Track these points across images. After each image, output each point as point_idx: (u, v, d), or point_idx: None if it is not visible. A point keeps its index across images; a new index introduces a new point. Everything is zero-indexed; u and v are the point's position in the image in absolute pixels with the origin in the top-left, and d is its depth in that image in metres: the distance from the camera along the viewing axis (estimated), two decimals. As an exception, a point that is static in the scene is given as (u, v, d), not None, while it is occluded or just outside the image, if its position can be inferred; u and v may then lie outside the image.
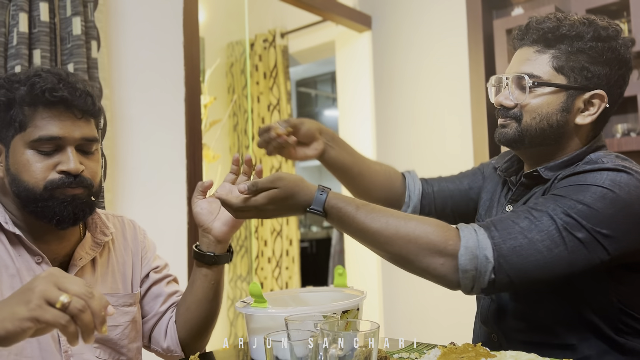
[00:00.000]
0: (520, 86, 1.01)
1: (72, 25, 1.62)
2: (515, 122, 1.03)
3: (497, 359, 0.79)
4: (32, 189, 0.96)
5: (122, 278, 1.14)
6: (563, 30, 0.99)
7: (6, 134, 0.97)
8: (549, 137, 1.02)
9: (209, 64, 3.48)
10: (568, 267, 0.87)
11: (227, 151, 3.75)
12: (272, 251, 3.51)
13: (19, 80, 0.97)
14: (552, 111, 1.00)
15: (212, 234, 1.11)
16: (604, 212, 0.87)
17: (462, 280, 0.88)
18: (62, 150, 0.97)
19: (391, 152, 2.96)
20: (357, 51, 3.15)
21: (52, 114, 0.96)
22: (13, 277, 0.98)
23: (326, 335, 0.73)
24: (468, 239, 0.88)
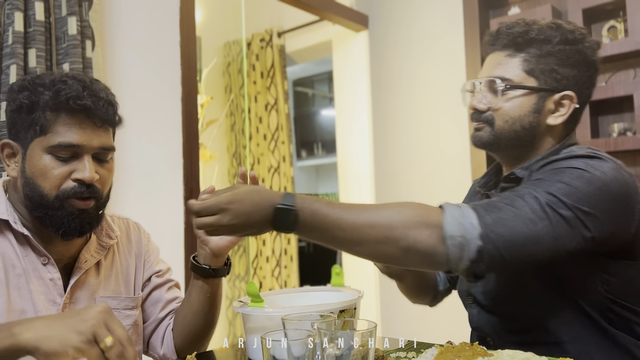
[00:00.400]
0: (492, 90, 1.04)
1: (68, 25, 1.61)
2: (488, 125, 1.05)
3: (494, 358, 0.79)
4: (46, 195, 0.97)
5: (125, 281, 1.14)
6: (532, 34, 1.02)
7: (25, 136, 0.98)
8: (522, 139, 1.04)
9: (206, 64, 3.48)
10: (554, 243, 0.86)
11: (224, 151, 3.74)
12: (271, 250, 3.51)
13: (44, 84, 0.97)
14: (524, 113, 1.03)
15: (209, 247, 1.08)
16: (583, 190, 0.88)
17: (450, 249, 0.83)
18: (79, 158, 0.98)
19: (388, 152, 2.97)
20: (354, 50, 3.15)
21: (74, 121, 0.96)
22: (19, 277, 0.98)
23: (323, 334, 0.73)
24: (452, 209, 0.87)
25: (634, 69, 2.28)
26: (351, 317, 1.00)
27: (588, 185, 0.88)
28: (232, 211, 0.85)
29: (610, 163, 0.92)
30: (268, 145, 3.56)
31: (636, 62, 2.27)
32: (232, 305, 1.06)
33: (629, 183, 0.92)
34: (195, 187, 2.05)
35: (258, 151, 3.59)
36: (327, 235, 0.86)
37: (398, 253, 0.85)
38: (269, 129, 3.56)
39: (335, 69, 3.31)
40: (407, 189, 2.85)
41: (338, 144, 3.30)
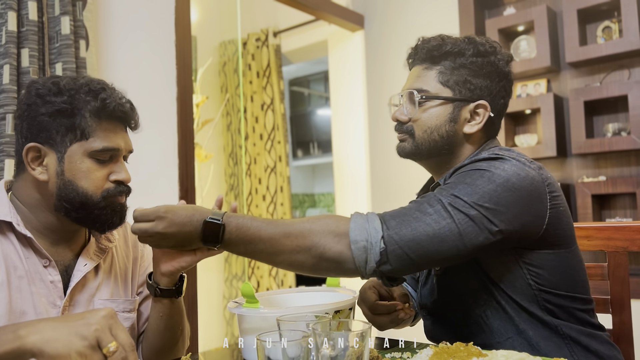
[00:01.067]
0: (412, 101, 1.10)
1: (61, 25, 1.60)
2: (409, 136, 1.11)
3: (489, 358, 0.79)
4: (91, 196, 1.01)
5: (124, 284, 1.15)
6: (446, 47, 1.08)
7: (62, 140, 1.00)
8: (442, 148, 1.09)
9: (201, 63, 3.47)
10: (460, 240, 0.90)
11: (219, 150, 3.74)
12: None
13: (81, 90, 1.01)
14: (440, 123, 1.08)
15: (158, 265, 1.04)
16: (485, 187, 0.93)
17: (354, 253, 0.89)
18: (115, 161, 1.05)
19: (383, 152, 2.97)
20: (349, 50, 3.15)
21: (112, 126, 1.04)
22: (21, 279, 0.99)
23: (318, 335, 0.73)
24: (357, 217, 0.93)
25: (628, 70, 2.29)
26: (346, 317, 1.00)
27: (489, 183, 0.93)
28: (167, 220, 0.92)
29: (512, 162, 0.97)
30: (264, 145, 3.56)
31: (630, 62, 2.28)
32: (227, 305, 1.06)
33: (534, 177, 0.96)
34: (190, 187, 2.04)
35: (254, 151, 3.59)
36: (249, 248, 0.93)
37: (311, 261, 0.92)
38: (265, 129, 3.56)
39: (331, 69, 3.31)
40: (403, 188, 2.85)
41: (334, 143, 3.30)
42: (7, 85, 1.49)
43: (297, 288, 1.25)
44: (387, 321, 1.12)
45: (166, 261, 1.03)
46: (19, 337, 0.73)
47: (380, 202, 2.98)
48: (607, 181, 2.24)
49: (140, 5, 1.94)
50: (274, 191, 3.53)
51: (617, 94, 2.19)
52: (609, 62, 2.31)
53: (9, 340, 0.73)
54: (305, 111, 5.66)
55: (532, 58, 2.42)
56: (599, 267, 1.24)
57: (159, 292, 1.06)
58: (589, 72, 2.39)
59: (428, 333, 1.17)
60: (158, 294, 1.06)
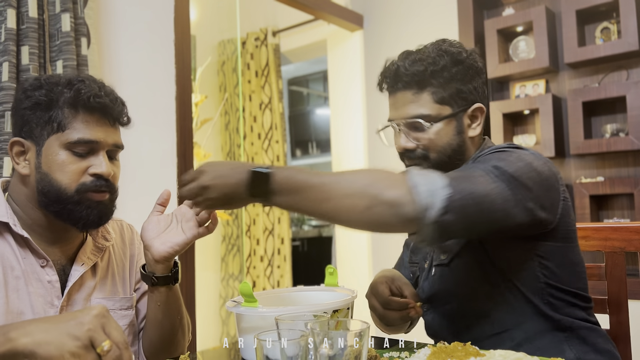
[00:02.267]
0: (415, 128, 1.11)
1: (62, 22, 1.60)
2: (424, 161, 1.12)
3: (486, 357, 0.79)
4: (65, 189, 0.98)
5: (122, 282, 1.15)
6: (430, 68, 1.10)
7: (41, 133, 0.99)
8: (455, 158, 1.13)
9: (200, 62, 3.47)
10: (504, 203, 0.91)
11: (218, 150, 3.73)
12: (264, 250, 3.50)
13: (60, 82, 1.00)
14: (450, 139, 1.11)
15: (150, 252, 1.04)
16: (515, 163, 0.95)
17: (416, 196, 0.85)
18: (95, 154, 1.01)
19: (382, 152, 2.97)
20: (348, 50, 3.15)
21: (92, 118, 1.00)
22: (18, 279, 0.99)
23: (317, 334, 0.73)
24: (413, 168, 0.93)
25: (626, 70, 2.30)
26: (345, 317, 1.00)
27: (518, 161, 0.96)
28: (210, 172, 0.91)
29: (529, 150, 1.02)
30: (262, 144, 3.56)
31: (629, 63, 2.28)
32: (226, 305, 1.06)
33: (550, 166, 1.01)
34: (189, 186, 2.04)
35: (252, 150, 3.59)
36: (297, 197, 0.89)
37: (363, 204, 0.86)
38: (263, 128, 3.56)
39: (330, 68, 3.31)
40: (401, 188, 2.85)
41: (333, 143, 3.30)
42: (6, 83, 1.49)
43: (295, 287, 1.25)
44: (398, 317, 1.11)
45: (158, 247, 1.03)
46: (10, 339, 0.71)
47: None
48: (605, 182, 2.24)
49: (140, 3, 1.94)
50: (272, 191, 3.52)
51: (615, 94, 2.19)
52: (608, 63, 2.32)
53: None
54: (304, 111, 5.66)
55: (531, 58, 2.42)
56: (597, 267, 1.24)
57: (156, 280, 1.05)
58: (588, 73, 2.39)
59: (428, 329, 1.19)
60: (155, 282, 1.05)
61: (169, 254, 1.03)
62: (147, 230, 1.04)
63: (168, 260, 1.05)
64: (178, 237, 1.03)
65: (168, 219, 1.05)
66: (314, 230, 5.14)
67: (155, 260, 1.04)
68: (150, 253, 1.04)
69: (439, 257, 1.14)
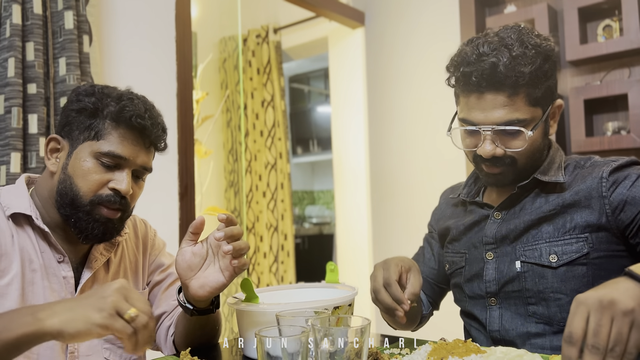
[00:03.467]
0: (506, 134, 1.03)
1: (64, 19, 1.60)
2: (511, 167, 1.07)
3: (487, 355, 0.79)
4: (81, 196, 1.00)
5: (134, 276, 1.17)
6: (527, 69, 1.00)
7: (78, 136, 1.02)
8: (537, 161, 1.10)
9: (201, 59, 3.47)
10: None
11: (219, 147, 3.74)
12: (268, 246, 3.52)
13: (111, 95, 1.04)
14: (540, 143, 1.07)
15: (189, 291, 1.01)
16: None
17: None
18: (120, 170, 1.03)
19: (383, 149, 2.97)
20: (350, 47, 3.15)
21: (128, 135, 1.02)
22: (35, 272, 1.00)
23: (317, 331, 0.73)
24: None
25: (628, 68, 2.29)
26: (345, 313, 1.01)
27: None
28: None
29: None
30: (265, 141, 3.56)
31: (631, 61, 2.28)
32: (227, 301, 1.06)
33: None
34: (190, 183, 2.05)
35: (255, 148, 3.59)
36: None
37: None
38: (266, 126, 3.56)
39: (331, 66, 3.31)
40: (402, 185, 2.86)
41: (334, 140, 3.30)
42: (12, 79, 1.50)
43: (296, 284, 1.25)
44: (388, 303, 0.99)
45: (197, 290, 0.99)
46: (38, 319, 0.73)
47: (379, 199, 2.98)
48: (607, 180, 2.24)
49: (140, 1, 1.93)
50: (275, 188, 3.53)
51: (617, 92, 2.19)
52: (610, 61, 2.31)
53: (27, 323, 0.73)
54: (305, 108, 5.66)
55: (533, 56, 2.41)
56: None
57: (196, 312, 1.04)
58: (589, 71, 2.39)
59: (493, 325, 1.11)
60: (193, 314, 1.04)
61: (208, 298, 1.02)
62: (182, 267, 1.00)
63: (206, 300, 1.03)
64: (216, 280, 0.99)
65: (203, 250, 1.00)
66: (314, 227, 5.14)
67: (194, 298, 1.01)
68: (189, 291, 1.01)
69: (547, 258, 1.05)
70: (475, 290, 1.15)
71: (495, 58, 1.00)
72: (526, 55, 1.00)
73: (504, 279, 1.10)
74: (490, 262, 1.13)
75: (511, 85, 1.00)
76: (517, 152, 1.04)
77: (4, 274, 0.97)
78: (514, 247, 1.10)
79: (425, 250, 1.34)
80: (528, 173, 1.10)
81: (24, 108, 1.54)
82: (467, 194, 1.23)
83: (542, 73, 1.01)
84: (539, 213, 1.08)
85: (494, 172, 1.08)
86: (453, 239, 1.23)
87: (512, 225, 1.11)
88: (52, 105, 1.61)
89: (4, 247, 0.98)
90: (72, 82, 1.60)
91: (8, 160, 1.49)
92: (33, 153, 1.54)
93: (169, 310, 1.19)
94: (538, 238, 1.07)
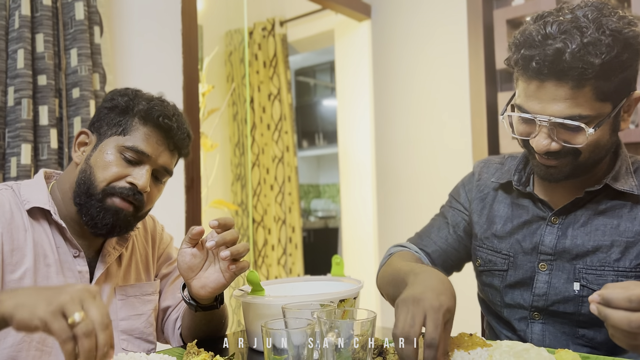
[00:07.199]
0: (566, 128, 0.92)
1: (75, 10, 1.61)
2: (571, 160, 0.95)
3: (493, 348, 0.79)
4: (96, 185, 1.01)
5: (145, 268, 1.19)
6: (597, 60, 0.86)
7: (106, 131, 1.06)
8: (601, 160, 0.98)
9: (207, 52, 3.47)
10: None
11: (225, 140, 3.74)
12: (277, 239, 3.53)
13: (143, 96, 1.08)
14: (607, 138, 0.95)
15: (191, 290, 1.02)
16: None
17: None
18: (140, 166, 1.04)
19: (389, 142, 2.96)
20: (356, 40, 3.13)
21: (153, 135, 1.05)
22: (49, 267, 1.01)
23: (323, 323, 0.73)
24: None
25: (637, 61, 2.27)
26: (351, 306, 1.01)
27: None
28: None
29: None
30: (272, 135, 3.56)
31: (640, 54, 2.25)
32: (233, 293, 1.06)
33: None
34: (196, 176, 2.05)
35: (262, 141, 3.59)
36: None
37: None
38: (273, 119, 3.56)
39: (338, 59, 3.30)
40: (408, 179, 2.85)
41: (339, 134, 3.30)
42: (22, 70, 1.50)
43: (302, 277, 1.25)
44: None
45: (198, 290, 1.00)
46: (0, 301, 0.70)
47: (385, 193, 2.98)
48: (614, 174, 2.22)
49: (147, -7, 1.93)
50: (282, 181, 3.54)
51: (625, 86, 2.17)
52: (618, 54, 2.29)
53: None
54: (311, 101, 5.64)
55: (541, 49, 2.39)
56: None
57: (200, 308, 1.05)
58: (598, 64, 2.36)
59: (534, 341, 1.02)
60: (198, 310, 1.05)
61: (209, 297, 1.02)
62: (183, 268, 1.00)
63: (208, 299, 1.04)
64: (217, 281, 0.99)
65: (203, 250, 1.01)
66: (320, 221, 5.14)
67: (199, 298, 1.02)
68: (191, 290, 1.02)
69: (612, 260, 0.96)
70: (518, 299, 1.06)
71: (562, 43, 0.86)
72: (600, 42, 0.86)
73: (557, 298, 1.01)
74: (542, 274, 1.03)
75: (577, 77, 0.87)
76: (578, 147, 0.92)
77: (16, 267, 0.98)
78: (574, 265, 1.00)
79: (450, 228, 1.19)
80: (588, 170, 0.98)
81: (34, 99, 1.54)
82: (519, 181, 1.09)
83: (618, 64, 0.87)
84: (612, 235, 0.98)
85: (548, 165, 0.97)
86: (495, 235, 1.10)
87: (578, 241, 1.00)
88: (64, 97, 1.61)
89: (17, 242, 0.99)
90: (84, 73, 1.60)
91: (19, 152, 1.49)
92: (44, 145, 1.54)
93: (175, 303, 1.21)
94: (605, 264, 0.97)
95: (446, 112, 2.70)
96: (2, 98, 1.51)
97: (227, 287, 1.01)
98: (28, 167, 1.49)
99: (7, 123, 1.52)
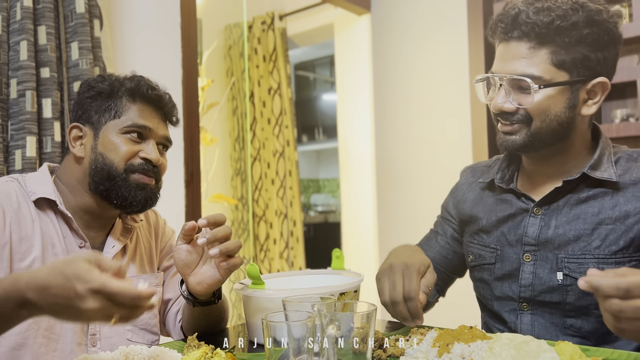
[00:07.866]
0: (519, 87, 0.97)
1: (75, 3, 1.60)
2: (524, 126, 0.99)
3: (493, 340, 0.79)
4: (115, 167, 1.05)
5: (149, 260, 1.20)
6: (557, 22, 0.93)
7: (99, 119, 1.08)
8: (560, 135, 0.99)
9: (207, 46, 3.46)
10: None
11: (225, 134, 3.73)
12: (279, 233, 3.54)
13: (122, 77, 1.11)
14: (560, 110, 0.97)
15: (188, 286, 1.03)
16: None
17: None
18: (146, 141, 1.08)
19: (389, 137, 2.96)
20: (356, 34, 3.12)
21: (146, 108, 1.09)
22: (57, 257, 1.03)
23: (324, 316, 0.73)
24: None
25: (637, 55, 2.26)
26: (351, 299, 1.01)
27: None
28: None
29: None
30: (272, 129, 3.56)
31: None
32: (233, 287, 1.06)
33: None
34: (195, 171, 2.05)
35: (263, 135, 3.59)
36: None
37: None
38: (273, 114, 3.56)
39: (337, 53, 3.29)
40: (408, 174, 2.85)
41: (339, 128, 3.29)
42: (25, 62, 1.49)
43: (302, 270, 1.26)
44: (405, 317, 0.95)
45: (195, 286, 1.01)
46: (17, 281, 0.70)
47: (385, 187, 2.98)
48: (614, 167, 2.22)
49: (145, -13, 1.92)
50: (283, 175, 3.54)
51: (626, 79, 2.16)
52: (619, 47, 2.28)
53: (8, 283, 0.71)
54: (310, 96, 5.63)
55: (541, 42, 2.39)
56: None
57: (197, 304, 1.06)
58: (598, 57, 2.36)
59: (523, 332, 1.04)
60: (197, 305, 1.06)
61: (206, 293, 1.03)
62: (179, 264, 1.01)
63: (205, 295, 1.05)
64: (213, 277, 1.00)
65: (199, 247, 1.01)
66: (320, 215, 5.15)
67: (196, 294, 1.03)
68: (188, 285, 1.03)
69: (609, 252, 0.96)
70: (506, 291, 1.08)
71: (525, 7, 0.95)
72: (559, 7, 0.93)
73: (542, 288, 1.02)
74: (527, 265, 1.04)
75: (534, 37, 0.94)
76: (529, 110, 0.96)
77: (24, 256, 0.99)
78: (556, 255, 1.01)
79: (438, 237, 1.25)
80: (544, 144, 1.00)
81: (37, 92, 1.53)
82: (502, 179, 1.12)
83: (578, 36, 0.93)
84: (593, 223, 0.99)
85: (505, 132, 1.01)
86: (482, 230, 1.13)
87: (560, 230, 1.01)
88: (65, 90, 1.60)
89: (24, 231, 1.00)
90: (85, 66, 1.59)
91: (24, 145, 1.49)
92: (48, 137, 1.54)
93: (176, 296, 1.22)
94: (586, 252, 0.98)
95: (446, 106, 2.70)
96: (5, 90, 1.51)
97: (224, 282, 1.02)
98: (33, 159, 1.49)
99: (10, 115, 1.51)
